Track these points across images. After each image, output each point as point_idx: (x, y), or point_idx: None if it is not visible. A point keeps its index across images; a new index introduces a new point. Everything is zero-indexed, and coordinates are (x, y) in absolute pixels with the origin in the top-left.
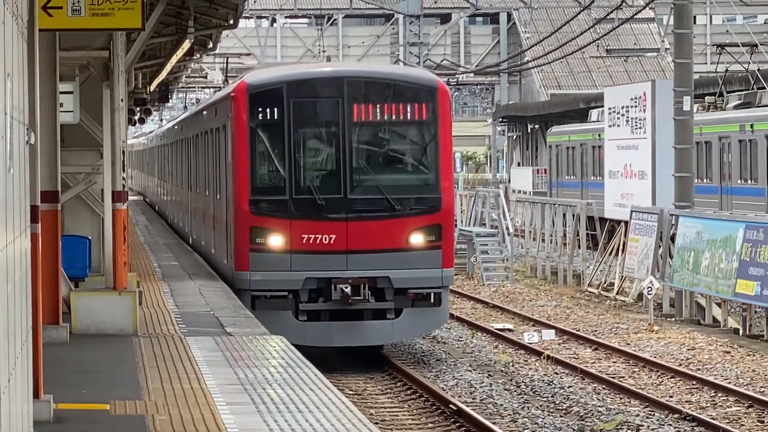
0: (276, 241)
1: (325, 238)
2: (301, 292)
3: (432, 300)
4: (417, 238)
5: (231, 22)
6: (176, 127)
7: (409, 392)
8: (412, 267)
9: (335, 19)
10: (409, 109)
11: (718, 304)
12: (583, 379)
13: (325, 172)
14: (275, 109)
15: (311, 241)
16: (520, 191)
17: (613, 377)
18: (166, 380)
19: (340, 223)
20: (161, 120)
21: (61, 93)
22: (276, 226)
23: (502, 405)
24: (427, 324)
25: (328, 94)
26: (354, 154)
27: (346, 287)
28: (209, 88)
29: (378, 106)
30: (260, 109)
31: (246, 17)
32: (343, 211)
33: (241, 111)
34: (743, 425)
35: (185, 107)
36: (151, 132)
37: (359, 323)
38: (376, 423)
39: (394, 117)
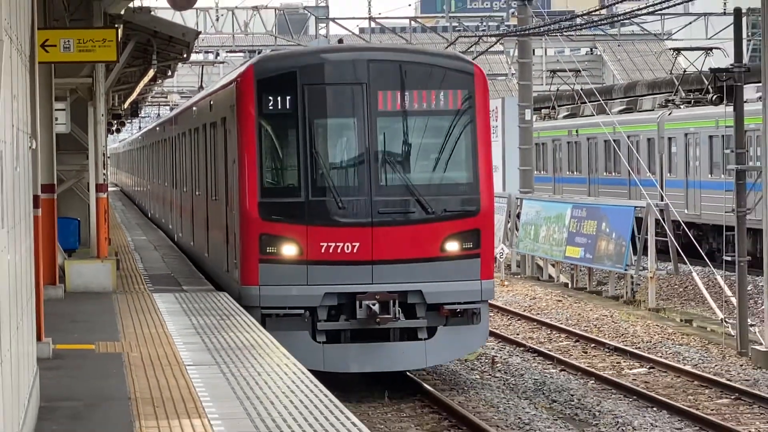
0: (290, 250)
1: (347, 246)
2: (320, 309)
3: (469, 316)
4: (452, 246)
5: (185, 55)
6: (158, 128)
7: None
8: (446, 279)
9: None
10: (443, 97)
11: (553, 265)
12: None
13: (346, 170)
14: (287, 98)
15: (331, 251)
16: None
17: None
18: (138, 326)
19: (365, 229)
20: (139, 128)
21: (56, 110)
22: (290, 233)
23: None
24: (465, 345)
25: (349, 79)
26: (380, 149)
27: (374, 304)
28: (168, 105)
29: (407, 92)
30: (270, 98)
31: (196, 52)
32: (367, 216)
33: (247, 100)
34: (571, 355)
35: (158, 116)
36: (130, 137)
37: (389, 345)
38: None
39: (426, 105)
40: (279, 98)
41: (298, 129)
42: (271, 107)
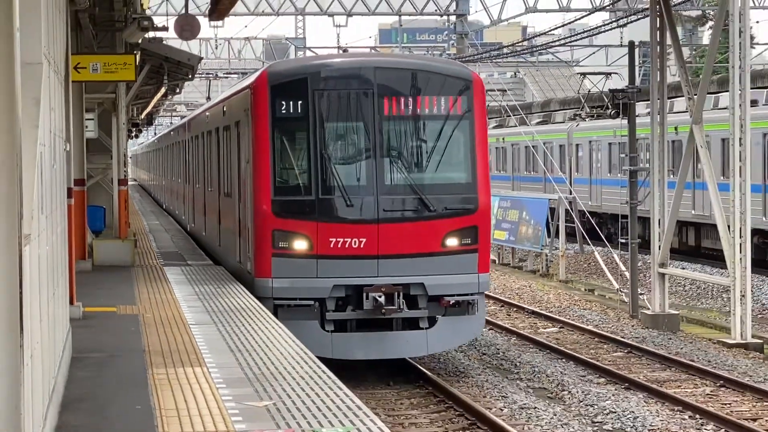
0: (301, 245)
1: (355, 241)
2: (328, 300)
3: (467, 307)
4: (452, 241)
5: (190, 76)
6: (172, 132)
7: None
8: (446, 272)
9: None
10: (443, 102)
11: None
12: None
13: (353, 170)
14: (299, 102)
15: (339, 245)
16: None
17: None
18: (151, 293)
19: (371, 225)
20: (154, 133)
21: (86, 119)
22: (301, 228)
23: None
24: (463, 334)
25: (356, 86)
26: (385, 151)
27: (380, 295)
28: (178, 115)
29: (411, 98)
30: (282, 102)
31: (199, 73)
32: (373, 213)
33: (261, 104)
34: (498, 317)
35: (171, 123)
36: (146, 141)
37: (392, 334)
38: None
39: (428, 110)
40: (291, 103)
41: (308, 132)
42: (283, 111)
